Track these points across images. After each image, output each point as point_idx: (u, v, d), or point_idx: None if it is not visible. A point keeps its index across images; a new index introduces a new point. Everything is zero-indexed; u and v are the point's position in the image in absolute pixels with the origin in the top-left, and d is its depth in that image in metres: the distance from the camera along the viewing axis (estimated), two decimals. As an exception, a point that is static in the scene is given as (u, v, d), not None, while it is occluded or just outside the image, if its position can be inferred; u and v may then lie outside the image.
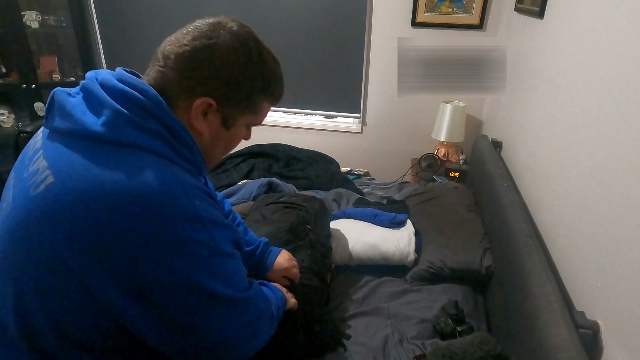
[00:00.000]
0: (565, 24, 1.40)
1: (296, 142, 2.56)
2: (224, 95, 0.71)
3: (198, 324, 0.66)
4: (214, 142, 0.75)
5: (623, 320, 0.87)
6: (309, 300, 1.21)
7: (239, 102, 0.73)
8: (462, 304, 1.36)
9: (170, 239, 0.60)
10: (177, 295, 0.62)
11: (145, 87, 0.65)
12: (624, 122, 0.94)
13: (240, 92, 0.72)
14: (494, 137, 2.12)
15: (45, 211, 0.59)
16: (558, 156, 1.33)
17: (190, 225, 0.61)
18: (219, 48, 0.69)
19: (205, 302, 0.65)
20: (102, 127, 0.61)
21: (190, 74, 0.68)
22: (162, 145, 0.65)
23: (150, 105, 0.64)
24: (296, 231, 1.36)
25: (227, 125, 0.75)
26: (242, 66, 0.71)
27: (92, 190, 0.58)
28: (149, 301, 0.61)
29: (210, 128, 0.73)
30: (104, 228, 0.57)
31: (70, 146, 0.62)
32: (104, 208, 0.57)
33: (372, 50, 2.58)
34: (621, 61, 0.99)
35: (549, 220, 1.36)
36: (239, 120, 0.76)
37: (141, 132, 0.62)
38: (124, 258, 0.58)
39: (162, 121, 0.65)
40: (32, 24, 2.67)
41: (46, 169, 0.61)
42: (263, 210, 1.48)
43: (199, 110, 0.70)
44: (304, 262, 1.27)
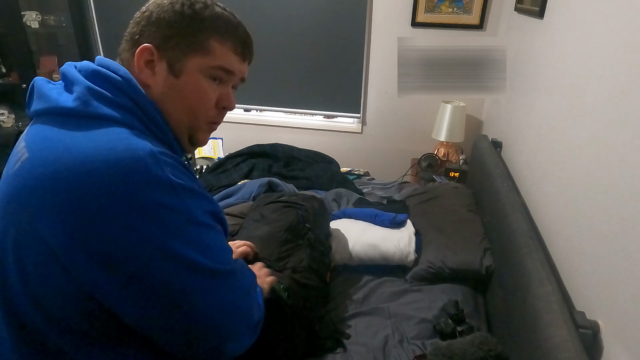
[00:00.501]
0: (565, 24, 1.40)
1: (296, 142, 2.56)
2: (163, 38, 0.69)
3: (177, 297, 0.62)
4: (167, 94, 0.70)
5: (623, 320, 0.87)
6: (308, 299, 1.21)
7: (181, 42, 0.69)
8: (462, 304, 1.36)
9: (140, 204, 0.58)
10: (153, 264, 0.59)
11: (117, 67, 0.68)
12: (624, 122, 0.94)
13: (179, 32, 0.69)
14: (494, 137, 2.12)
15: (20, 185, 0.61)
16: (558, 156, 1.33)
17: (160, 191, 0.60)
18: (164, 5, 0.70)
19: (183, 272, 0.62)
20: (73, 102, 0.62)
21: (131, 30, 0.71)
22: (133, 119, 0.65)
23: (121, 82, 0.66)
24: (295, 230, 1.36)
25: (174, 72, 0.70)
26: (179, 10, 0.69)
27: (61, 161, 0.58)
28: (125, 272, 0.59)
29: (159, 79, 0.69)
30: (73, 197, 0.57)
31: (45, 124, 0.64)
32: (73, 177, 0.57)
33: (372, 50, 2.58)
34: (621, 61, 0.99)
35: (549, 220, 1.36)
36: (186, 64, 0.70)
37: (112, 106, 0.63)
38: (95, 227, 0.57)
39: (132, 98, 0.66)
40: (32, 24, 2.67)
41: (23, 148, 0.64)
42: (262, 210, 1.49)
43: (141, 61, 0.68)
44: (303, 261, 1.27)
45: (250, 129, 2.94)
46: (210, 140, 2.84)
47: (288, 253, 1.28)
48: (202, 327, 0.66)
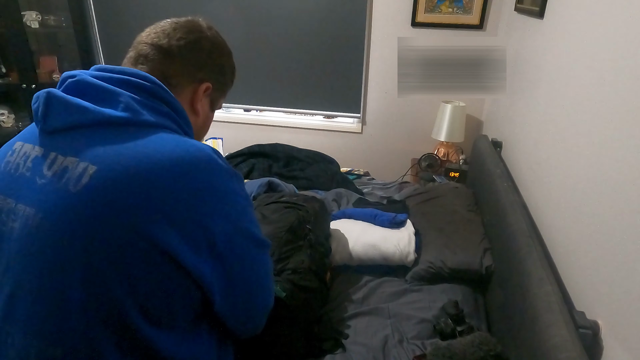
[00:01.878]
0: (565, 24, 1.40)
1: (296, 142, 2.56)
2: (217, 81, 0.84)
3: (247, 267, 0.73)
4: (204, 122, 0.87)
5: (623, 320, 0.87)
6: (308, 300, 1.21)
7: (222, 88, 0.87)
8: (462, 304, 1.36)
9: (221, 192, 0.68)
10: (235, 242, 0.70)
11: (143, 74, 0.71)
12: (624, 122, 0.94)
13: (225, 78, 0.86)
14: (494, 137, 2.12)
15: (102, 198, 0.60)
16: (558, 156, 1.33)
17: (229, 179, 0.70)
18: (210, 40, 0.81)
19: (252, 247, 0.74)
20: (123, 112, 0.65)
21: (193, 62, 0.78)
22: (172, 124, 0.72)
23: (156, 89, 0.70)
24: (296, 231, 1.36)
25: (212, 108, 0.88)
26: (225, 55, 0.85)
27: (144, 165, 0.62)
28: (216, 254, 0.67)
29: (203, 111, 0.84)
30: (167, 197, 0.62)
31: (92, 137, 0.64)
32: (164, 176, 0.62)
33: (372, 50, 2.58)
34: (621, 61, 0.99)
35: (549, 220, 1.36)
36: (218, 103, 0.89)
37: (157, 113, 0.69)
38: (193, 217, 0.63)
39: (169, 103, 0.72)
40: (32, 24, 2.67)
41: (79, 162, 0.62)
42: (263, 210, 1.49)
43: (201, 94, 0.81)
44: (304, 262, 1.27)
45: (250, 129, 2.94)
46: (210, 140, 2.84)
47: (289, 254, 1.28)
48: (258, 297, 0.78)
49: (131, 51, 0.78)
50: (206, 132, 0.91)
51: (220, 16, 2.63)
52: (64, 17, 2.76)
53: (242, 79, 2.80)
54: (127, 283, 0.61)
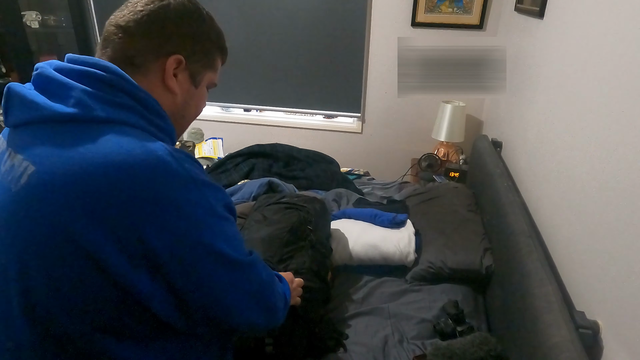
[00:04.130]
0: (565, 24, 1.40)
1: (296, 142, 2.56)
2: (189, 52, 0.73)
3: (202, 286, 0.66)
4: (187, 102, 0.76)
5: (623, 320, 0.87)
6: (310, 301, 1.21)
7: (202, 59, 0.76)
8: (462, 304, 1.36)
9: (168, 201, 0.60)
10: (186, 259, 0.63)
11: (104, 64, 0.65)
12: (624, 122, 0.94)
13: (201, 47, 0.75)
14: (494, 137, 2.12)
15: (37, 198, 0.59)
16: (558, 156, 1.33)
17: (184, 187, 0.62)
18: (174, 7, 0.72)
19: (219, 267, 0.66)
20: (72, 107, 0.60)
21: (155, 34, 0.70)
22: (135, 117, 0.65)
23: (115, 79, 0.64)
24: (297, 232, 1.36)
25: (195, 83, 0.77)
26: (197, 21, 0.74)
27: (83, 169, 0.58)
28: (157, 268, 0.61)
29: (182, 88, 0.74)
30: (104, 202, 0.57)
31: (41, 134, 0.61)
32: (101, 183, 0.57)
33: (372, 50, 2.58)
34: (621, 61, 0.99)
35: (549, 220, 1.36)
36: (203, 77, 0.78)
37: (112, 106, 0.63)
38: (129, 227, 0.58)
39: (130, 93, 0.65)
40: (32, 24, 2.67)
41: (22, 161, 0.61)
42: (264, 211, 1.48)
43: (172, 69, 0.71)
44: (306, 263, 1.27)
45: (250, 129, 2.94)
46: (210, 140, 2.84)
47: (290, 255, 1.28)
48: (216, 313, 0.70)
49: (101, 37, 0.73)
50: (197, 112, 0.82)
51: (220, 16, 2.61)
52: (64, 17, 2.76)
53: (242, 79, 2.81)
54: (60, 290, 0.60)
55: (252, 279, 0.74)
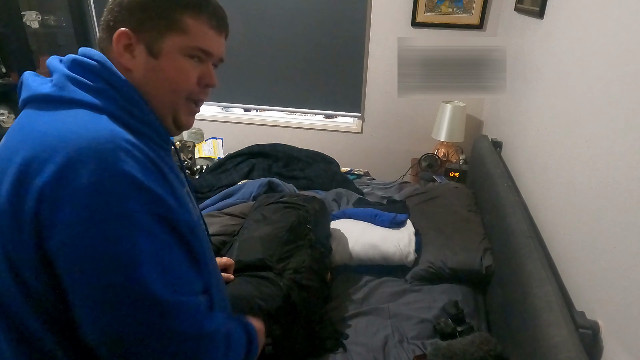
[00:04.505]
0: (565, 24, 1.40)
1: (296, 142, 2.56)
2: (138, 21, 0.66)
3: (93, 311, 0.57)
4: (147, 76, 0.68)
5: (623, 320, 0.87)
6: (309, 300, 1.21)
7: (156, 22, 0.67)
8: (462, 304, 1.36)
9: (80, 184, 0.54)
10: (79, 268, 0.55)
11: (93, 53, 0.67)
12: (623, 122, 0.94)
13: (152, 12, 0.67)
14: (494, 137, 2.12)
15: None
16: (558, 156, 1.33)
17: (105, 175, 0.55)
18: None
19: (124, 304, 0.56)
20: (50, 88, 0.63)
21: (108, 14, 0.68)
22: (109, 102, 0.63)
23: (96, 66, 0.65)
24: (296, 231, 1.36)
25: (153, 54, 0.67)
26: None
27: (27, 145, 0.58)
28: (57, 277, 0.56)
29: (139, 62, 0.67)
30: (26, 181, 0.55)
31: (24, 113, 0.65)
32: (27, 161, 0.56)
33: (372, 50, 2.58)
34: (621, 61, 0.99)
35: (549, 220, 1.36)
36: (164, 44, 0.67)
37: (87, 90, 0.63)
38: (32, 216, 0.55)
39: (108, 81, 0.64)
40: (32, 24, 2.67)
41: (4, 136, 0.64)
42: (264, 210, 1.49)
43: (120, 46, 0.66)
44: (305, 261, 1.27)
45: (250, 129, 2.94)
46: (210, 140, 2.84)
47: (289, 254, 1.28)
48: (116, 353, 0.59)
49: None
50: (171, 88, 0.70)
51: (220, 16, 2.63)
52: (64, 17, 2.76)
53: (242, 79, 2.81)
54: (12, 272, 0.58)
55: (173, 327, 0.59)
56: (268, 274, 1.18)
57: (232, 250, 1.30)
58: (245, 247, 1.28)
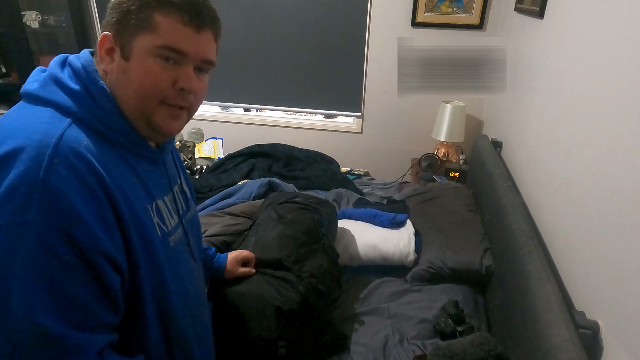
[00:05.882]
0: (565, 24, 1.40)
1: (296, 142, 2.56)
2: (113, 24, 0.64)
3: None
4: (118, 79, 0.64)
5: (623, 320, 0.87)
6: (324, 305, 1.22)
7: (128, 23, 0.63)
8: (462, 304, 1.36)
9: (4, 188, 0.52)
10: None
11: (86, 55, 0.66)
12: (623, 122, 0.94)
13: (124, 14, 0.63)
14: (494, 137, 2.12)
15: None
16: (558, 156, 1.33)
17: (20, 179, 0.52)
18: None
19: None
20: (32, 85, 0.63)
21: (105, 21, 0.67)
22: (79, 106, 0.61)
23: (79, 69, 0.64)
24: (312, 234, 1.35)
25: (125, 56, 0.64)
26: None
27: None
28: None
29: (114, 65, 0.65)
30: None
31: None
32: None
33: (372, 50, 2.58)
34: (621, 61, 0.99)
35: (549, 220, 1.36)
36: (134, 45, 0.63)
37: (64, 91, 0.62)
38: None
39: (86, 84, 0.63)
40: (32, 24, 2.67)
41: None
42: (277, 209, 1.48)
43: (102, 50, 0.64)
44: (323, 265, 1.27)
45: (250, 129, 2.94)
46: (210, 140, 2.84)
47: (305, 256, 1.27)
48: None
49: None
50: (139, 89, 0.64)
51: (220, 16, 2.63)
52: (64, 17, 2.76)
53: (242, 78, 2.81)
54: None
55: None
56: (287, 275, 1.18)
57: (246, 245, 1.30)
58: (261, 244, 1.28)
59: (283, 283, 1.15)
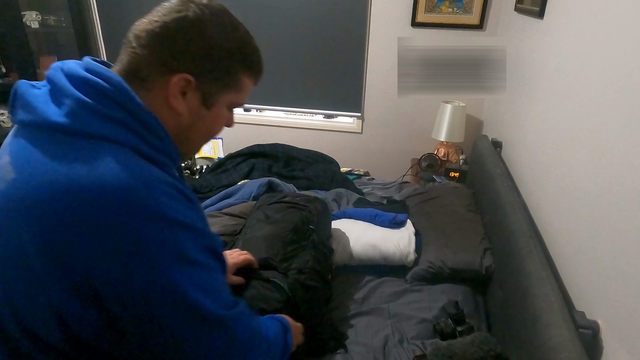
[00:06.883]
0: (565, 24, 1.40)
1: (296, 142, 2.56)
2: (202, 71, 0.66)
3: (158, 336, 0.60)
4: (194, 123, 0.69)
5: (623, 320, 0.87)
6: (312, 301, 1.21)
7: (219, 78, 0.68)
8: (462, 304, 1.36)
9: (127, 237, 0.55)
10: (133, 300, 0.57)
11: (109, 74, 0.62)
12: (623, 122, 0.95)
13: (218, 66, 0.68)
14: (494, 137, 2.12)
15: (8, 207, 0.57)
16: (558, 156, 1.33)
17: (151, 223, 0.57)
18: (190, 20, 0.65)
19: (167, 309, 0.59)
20: (64, 117, 0.58)
21: (162, 49, 0.64)
22: (128, 134, 0.61)
23: (114, 92, 0.61)
24: (300, 231, 1.36)
25: (207, 105, 0.69)
26: (216, 37, 0.66)
27: (51, 186, 0.55)
28: (106, 309, 0.57)
29: (189, 108, 0.68)
30: (62, 226, 0.55)
31: (32, 139, 0.59)
32: (63, 205, 0.55)
33: (372, 50, 2.58)
34: (621, 61, 0.99)
35: (549, 220, 1.36)
36: (220, 98, 0.70)
37: (105, 121, 0.59)
38: (81, 259, 0.55)
39: (128, 109, 0.61)
40: (32, 24, 2.67)
41: (8, 164, 0.59)
42: (266, 210, 1.48)
43: (177, 89, 0.65)
44: (309, 262, 1.27)
45: (250, 129, 2.94)
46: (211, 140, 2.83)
47: (293, 254, 1.28)
48: None
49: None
50: (208, 135, 0.75)
51: (220, 16, 2.62)
52: (64, 17, 2.76)
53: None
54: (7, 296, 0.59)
55: (228, 338, 0.66)
56: (273, 274, 1.18)
57: (234, 248, 1.30)
58: (248, 246, 1.28)
59: (267, 285, 1.15)
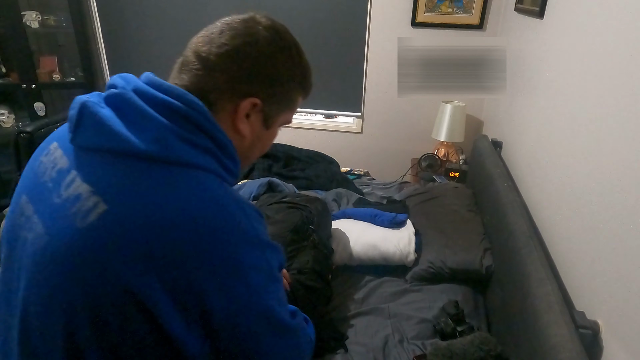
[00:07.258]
0: (565, 24, 1.40)
1: (296, 142, 2.56)
2: (268, 94, 0.67)
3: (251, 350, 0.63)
4: (254, 143, 0.71)
5: (623, 320, 0.87)
6: (312, 301, 1.21)
7: (281, 100, 0.70)
8: (462, 304, 1.36)
9: (233, 264, 0.58)
10: (240, 323, 0.60)
11: (189, 98, 0.60)
12: (623, 122, 0.94)
13: (282, 89, 0.69)
14: (494, 137, 2.12)
15: (104, 242, 0.54)
16: (558, 156, 1.33)
17: (251, 249, 0.60)
18: (261, 45, 0.65)
19: (268, 332, 0.64)
20: (151, 144, 0.56)
21: (234, 74, 0.64)
22: (212, 161, 0.61)
23: (198, 117, 0.60)
24: (300, 231, 1.36)
25: (267, 125, 0.71)
26: (283, 61, 0.68)
27: (153, 218, 0.54)
28: (211, 330, 0.59)
29: (252, 130, 0.69)
30: (170, 258, 0.54)
31: (114, 166, 0.56)
32: (169, 237, 0.54)
33: (372, 50, 2.58)
34: (621, 61, 0.99)
35: (549, 220, 1.36)
36: (278, 118, 0.72)
37: (192, 148, 0.59)
38: (192, 288, 0.55)
39: (211, 134, 0.61)
40: (32, 24, 2.67)
41: (92, 194, 0.55)
42: (266, 210, 1.49)
43: (244, 112, 0.66)
44: (309, 262, 1.27)
45: (250, 129, 2.94)
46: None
47: (293, 254, 1.28)
48: None
49: (180, 57, 0.68)
50: (261, 152, 0.76)
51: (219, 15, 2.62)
52: (64, 17, 2.76)
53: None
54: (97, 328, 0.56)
55: (296, 344, 0.71)
56: None
57: None
58: None
59: None
